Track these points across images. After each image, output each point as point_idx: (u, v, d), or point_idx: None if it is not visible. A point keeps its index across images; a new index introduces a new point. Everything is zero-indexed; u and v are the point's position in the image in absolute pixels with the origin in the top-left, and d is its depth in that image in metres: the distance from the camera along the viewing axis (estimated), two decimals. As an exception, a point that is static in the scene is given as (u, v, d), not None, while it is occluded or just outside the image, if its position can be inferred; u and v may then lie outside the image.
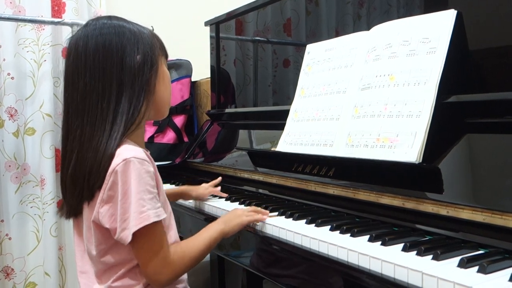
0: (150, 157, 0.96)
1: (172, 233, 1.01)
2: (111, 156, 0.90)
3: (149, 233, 0.90)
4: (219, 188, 1.39)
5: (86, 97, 0.94)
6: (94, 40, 0.95)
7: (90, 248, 0.96)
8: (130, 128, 0.94)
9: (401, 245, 0.83)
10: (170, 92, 1.05)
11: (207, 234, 1.02)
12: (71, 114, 0.96)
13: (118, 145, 0.91)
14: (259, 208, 1.13)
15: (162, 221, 0.92)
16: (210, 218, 1.23)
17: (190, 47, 2.26)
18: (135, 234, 0.88)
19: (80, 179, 0.92)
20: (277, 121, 1.44)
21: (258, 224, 1.08)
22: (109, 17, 1.00)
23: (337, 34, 1.42)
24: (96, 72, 0.94)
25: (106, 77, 0.94)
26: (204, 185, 1.40)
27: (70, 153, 0.95)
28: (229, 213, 1.11)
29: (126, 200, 0.88)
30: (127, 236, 0.88)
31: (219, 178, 1.43)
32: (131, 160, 0.89)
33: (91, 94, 0.94)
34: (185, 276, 1.05)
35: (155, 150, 2.14)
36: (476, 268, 0.71)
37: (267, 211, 1.12)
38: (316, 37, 1.51)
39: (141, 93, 0.96)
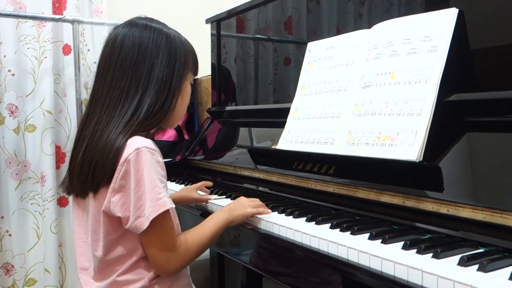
0: (158, 149, 0.97)
1: (176, 224, 1.01)
2: (117, 152, 0.91)
3: (163, 221, 0.91)
4: (205, 198, 1.35)
5: (110, 90, 0.98)
6: (132, 40, 0.99)
7: (97, 240, 0.96)
8: (140, 131, 0.96)
9: (401, 243, 0.84)
10: (186, 106, 1.08)
11: (212, 223, 1.03)
12: (94, 101, 1.00)
13: (128, 138, 0.93)
14: (263, 203, 1.13)
15: (170, 212, 0.94)
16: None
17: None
18: (150, 222, 0.89)
19: (86, 167, 0.94)
20: (277, 119, 1.44)
21: (258, 221, 1.09)
22: (152, 20, 1.04)
23: (338, 32, 1.42)
24: (126, 71, 0.98)
25: (133, 78, 0.98)
26: (189, 188, 1.37)
27: (83, 139, 0.97)
28: (234, 202, 1.12)
29: (139, 188, 0.89)
30: (142, 223, 0.89)
31: (209, 183, 1.41)
32: (143, 149, 0.91)
33: (116, 89, 0.97)
34: (187, 271, 1.05)
35: (155, 147, 2.13)
36: (476, 266, 0.71)
37: (269, 210, 1.12)
38: (317, 35, 1.51)
39: (162, 104, 0.99)
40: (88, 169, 0.93)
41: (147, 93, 0.98)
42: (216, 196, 1.36)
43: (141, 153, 0.90)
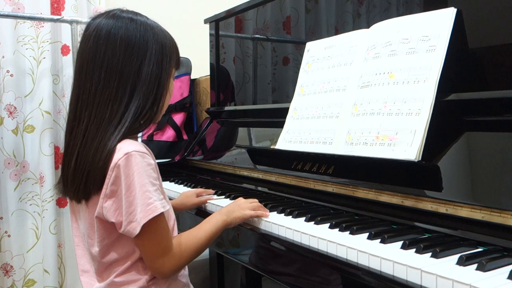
0: (150, 151, 0.96)
1: (171, 224, 1.01)
2: (107, 158, 0.90)
3: (155, 225, 0.90)
4: (204, 199, 1.34)
5: (97, 92, 0.93)
6: (119, 35, 0.94)
7: (92, 245, 0.96)
8: (130, 132, 0.94)
9: (400, 243, 0.84)
10: (168, 102, 1.05)
11: (209, 225, 1.02)
12: (80, 105, 0.95)
13: (118, 142, 0.91)
14: (261, 205, 1.13)
15: (164, 213, 0.93)
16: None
17: (190, 45, 2.26)
18: (142, 226, 0.88)
19: (79, 175, 0.92)
20: (276, 119, 1.44)
21: (257, 221, 1.08)
22: (136, 13, 0.99)
23: (337, 32, 1.42)
24: (113, 71, 0.93)
25: (121, 80, 0.94)
26: (188, 193, 1.36)
27: (74, 144, 0.94)
28: (232, 203, 1.11)
29: (130, 193, 0.88)
30: (134, 229, 0.89)
31: (210, 191, 1.38)
32: (132, 153, 0.89)
33: (104, 92, 0.93)
34: (185, 272, 1.05)
35: (154, 147, 2.14)
36: (475, 265, 0.72)
37: (268, 212, 1.12)
38: (315, 35, 1.51)
39: (151, 105, 0.96)
40: (81, 178, 0.91)
41: (135, 94, 0.94)
42: (215, 197, 1.36)
43: (131, 158, 0.89)
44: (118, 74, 0.94)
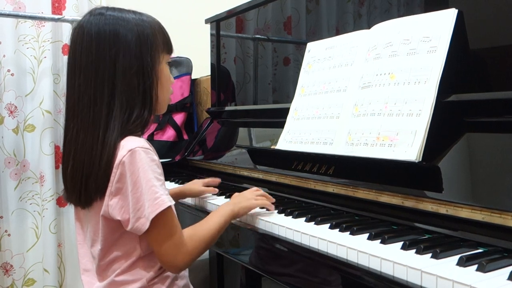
0: (152, 147, 0.96)
1: None
2: (109, 158, 0.89)
3: (165, 219, 0.90)
4: (211, 188, 1.36)
5: (79, 99, 0.92)
6: (91, 34, 0.92)
7: (96, 242, 0.96)
8: (127, 130, 0.92)
9: (400, 244, 0.84)
10: (169, 89, 1.02)
11: (218, 216, 1.03)
12: (69, 113, 0.95)
13: (120, 140, 0.91)
14: (266, 194, 1.15)
15: (172, 207, 0.93)
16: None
17: (191, 45, 2.26)
18: (151, 221, 0.88)
19: (78, 183, 0.92)
20: (277, 119, 1.44)
21: (257, 221, 1.09)
22: (107, 9, 0.96)
23: (338, 32, 1.42)
24: (89, 74, 0.91)
25: (98, 80, 0.91)
26: (196, 181, 1.39)
27: (68, 154, 0.95)
28: (238, 195, 1.13)
29: (137, 190, 0.88)
30: (143, 224, 0.88)
31: (217, 180, 1.41)
32: (136, 150, 0.89)
33: (84, 97, 0.92)
34: (186, 273, 1.05)
35: (154, 147, 2.12)
36: (475, 266, 0.72)
37: (273, 199, 1.14)
38: (316, 35, 1.51)
39: (137, 98, 0.93)
40: (80, 184, 0.91)
41: (117, 92, 0.91)
42: (215, 197, 1.37)
43: (135, 154, 0.89)
44: (93, 75, 0.91)
